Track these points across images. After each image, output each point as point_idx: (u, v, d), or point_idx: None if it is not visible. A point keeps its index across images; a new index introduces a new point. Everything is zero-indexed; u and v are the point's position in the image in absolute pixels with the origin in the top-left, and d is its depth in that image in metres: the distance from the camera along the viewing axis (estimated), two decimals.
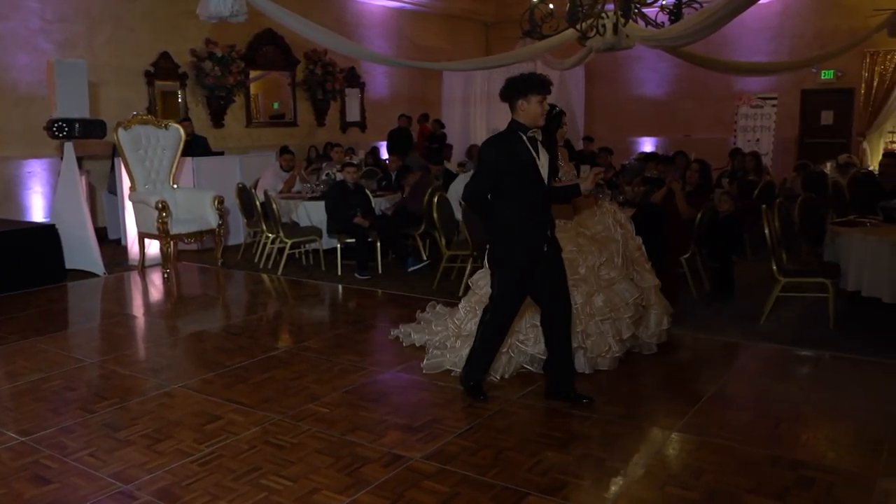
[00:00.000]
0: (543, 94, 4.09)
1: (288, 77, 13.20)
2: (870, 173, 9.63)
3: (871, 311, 6.00)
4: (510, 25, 11.82)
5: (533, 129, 4.15)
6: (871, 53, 13.26)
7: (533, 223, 4.17)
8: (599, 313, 4.84)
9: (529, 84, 4.07)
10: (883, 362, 5.05)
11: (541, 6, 7.97)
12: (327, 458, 3.71)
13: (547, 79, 4.13)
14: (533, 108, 4.08)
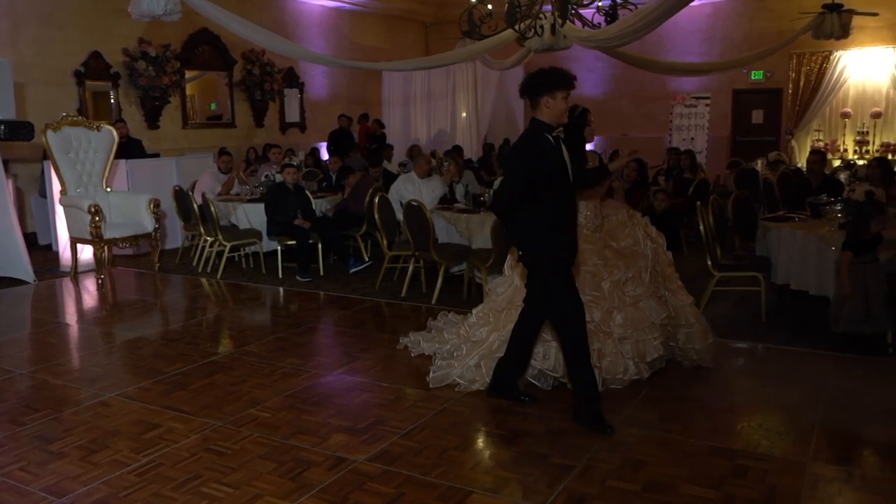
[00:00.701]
0: (569, 89, 3.88)
1: (225, 77, 12.98)
2: (798, 170, 9.97)
3: (800, 304, 6.21)
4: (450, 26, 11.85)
5: (557, 127, 3.98)
6: (798, 55, 13.73)
7: (566, 225, 4.00)
8: (618, 332, 4.54)
9: (555, 80, 3.83)
10: (812, 352, 5.23)
11: (479, 7, 8.01)
12: (270, 463, 3.66)
13: (571, 73, 3.90)
14: (559, 105, 3.85)
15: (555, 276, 3.99)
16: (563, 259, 4.01)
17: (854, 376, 4.82)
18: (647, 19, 6.65)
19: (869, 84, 13.63)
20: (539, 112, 3.91)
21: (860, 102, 13.70)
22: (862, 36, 12.65)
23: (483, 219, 6.74)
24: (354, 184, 8.78)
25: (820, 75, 13.77)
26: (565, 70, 3.87)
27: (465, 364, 4.67)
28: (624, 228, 4.94)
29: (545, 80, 3.84)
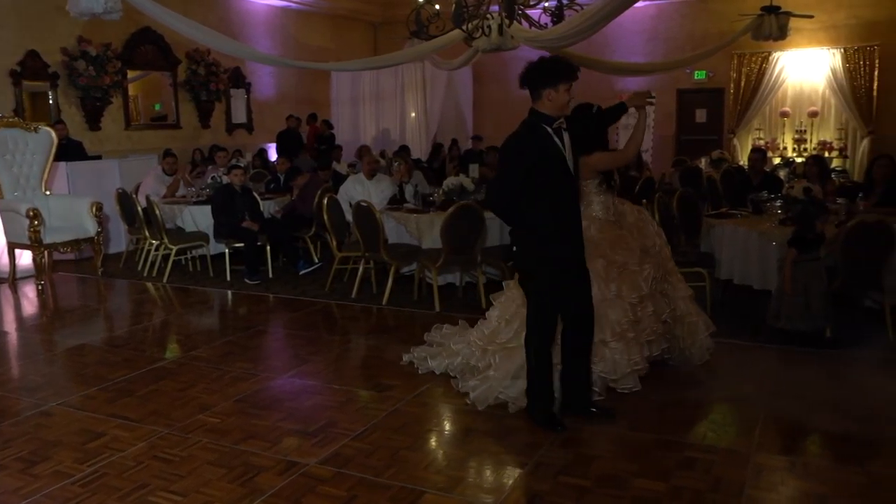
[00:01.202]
0: (572, 81, 3.74)
1: (169, 77, 12.71)
2: (740, 168, 10.21)
3: (743, 298, 6.36)
4: (397, 26, 11.82)
5: (558, 119, 3.80)
6: (739, 55, 14.05)
7: (569, 221, 3.86)
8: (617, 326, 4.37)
9: (558, 72, 3.70)
10: (756, 345, 5.37)
11: (427, 7, 8.01)
12: (219, 469, 3.61)
13: (574, 63, 3.80)
14: (561, 97, 3.70)
15: (545, 280, 3.85)
16: (558, 262, 3.86)
17: (796, 369, 4.96)
18: (593, 20, 6.72)
19: (806, 84, 14.02)
20: (540, 104, 3.78)
21: (798, 102, 14.08)
22: (799, 37, 13.02)
23: (433, 218, 6.74)
24: (303, 185, 8.71)
25: (760, 75, 14.12)
26: (568, 60, 3.78)
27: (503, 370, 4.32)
28: (647, 226, 4.83)
29: (549, 72, 3.70)
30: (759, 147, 12.13)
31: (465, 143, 14.37)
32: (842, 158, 13.69)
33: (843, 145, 13.83)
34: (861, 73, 13.37)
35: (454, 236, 6.36)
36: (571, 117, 3.99)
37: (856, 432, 3.87)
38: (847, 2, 13.47)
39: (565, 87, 3.69)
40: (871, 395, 4.42)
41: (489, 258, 6.65)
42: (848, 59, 13.42)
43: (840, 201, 6.49)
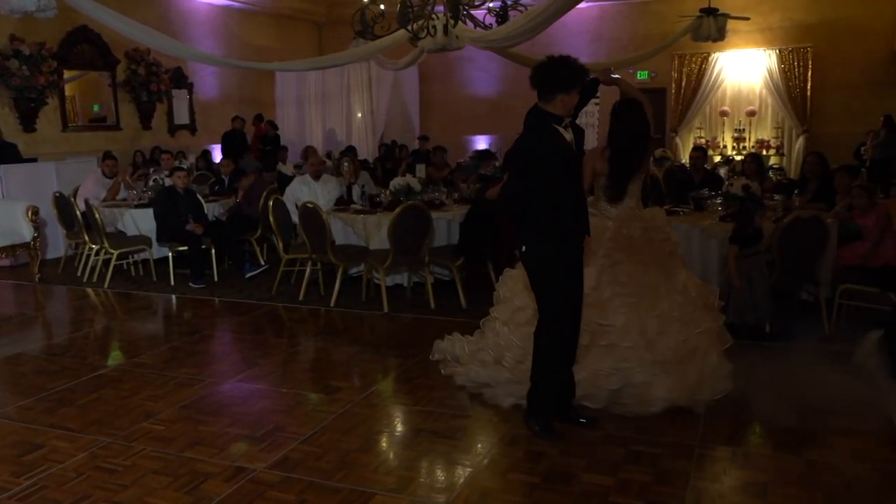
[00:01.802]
0: (582, 85, 3.81)
1: (108, 77, 12.39)
2: (682, 166, 10.43)
3: None
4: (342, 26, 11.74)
5: (566, 118, 3.78)
6: (679, 56, 14.36)
7: (576, 218, 3.84)
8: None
9: (576, 79, 3.70)
10: None
11: (372, 7, 7.98)
12: (164, 477, 3.53)
13: (582, 65, 3.75)
14: (572, 100, 3.72)
15: (558, 280, 3.79)
16: (568, 262, 3.81)
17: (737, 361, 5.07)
18: (537, 21, 6.78)
19: (744, 84, 14.41)
20: (551, 106, 3.72)
21: (736, 101, 14.46)
22: (737, 39, 13.36)
23: (380, 219, 6.72)
24: (248, 186, 8.59)
25: (700, 76, 14.45)
26: (578, 63, 3.71)
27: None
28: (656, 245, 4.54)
29: (567, 78, 3.67)
30: (701, 145, 12.44)
31: (413, 144, 14.36)
32: (779, 156, 14.12)
33: (780, 143, 14.26)
34: (795, 74, 13.80)
35: (401, 237, 6.35)
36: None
37: (794, 422, 3.98)
38: (781, 5, 13.89)
39: (577, 92, 3.75)
40: (809, 386, 4.56)
41: (437, 258, 6.66)
42: (783, 60, 13.84)
43: (777, 198, 6.69)
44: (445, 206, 7.30)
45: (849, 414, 4.01)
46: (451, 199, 7.64)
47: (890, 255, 5.60)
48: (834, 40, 13.56)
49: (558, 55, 3.76)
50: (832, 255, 5.68)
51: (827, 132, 13.62)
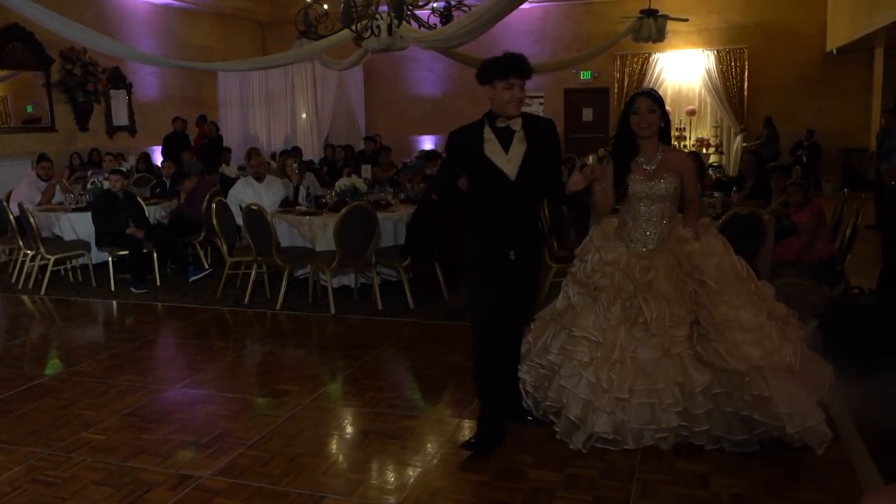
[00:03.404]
0: (508, 78, 3.50)
1: (42, 77, 12.02)
2: None
3: None
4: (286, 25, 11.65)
5: (506, 117, 3.58)
6: (621, 56, 14.62)
7: (494, 224, 3.62)
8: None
9: (489, 70, 3.54)
10: None
11: (315, 6, 7.92)
12: (106, 488, 3.44)
13: (515, 59, 3.53)
14: (498, 94, 3.53)
15: (480, 285, 3.69)
16: (489, 268, 3.66)
17: None
18: (480, 21, 6.83)
19: (684, 84, 14.74)
20: (491, 102, 3.64)
21: (677, 101, 14.78)
22: (676, 40, 13.67)
23: (325, 220, 6.67)
24: (190, 189, 8.43)
25: (641, 76, 14.73)
26: (509, 56, 3.54)
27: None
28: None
29: (483, 71, 3.58)
30: None
31: (358, 144, 14.29)
32: (718, 154, 14.48)
33: (719, 142, 14.64)
34: (733, 74, 14.18)
35: (348, 238, 6.31)
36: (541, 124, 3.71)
37: None
38: (718, 7, 14.25)
39: (503, 86, 3.52)
40: None
41: (384, 259, 6.65)
42: (721, 61, 14.21)
43: (716, 195, 6.85)
44: (392, 207, 7.28)
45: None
46: (397, 199, 7.63)
47: (823, 250, 5.80)
48: (769, 41, 13.98)
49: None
50: (769, 250, 5.84)
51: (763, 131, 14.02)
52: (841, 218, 6.32)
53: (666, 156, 3.76)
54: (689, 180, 3.78)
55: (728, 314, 3.54)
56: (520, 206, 3.64)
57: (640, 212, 3.78)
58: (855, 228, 5.70)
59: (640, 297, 3.58)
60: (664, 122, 3.74)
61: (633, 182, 3.75)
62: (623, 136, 3.80)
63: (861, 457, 3.53)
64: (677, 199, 3.77)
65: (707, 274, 3.62)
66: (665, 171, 3.72)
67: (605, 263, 3.75)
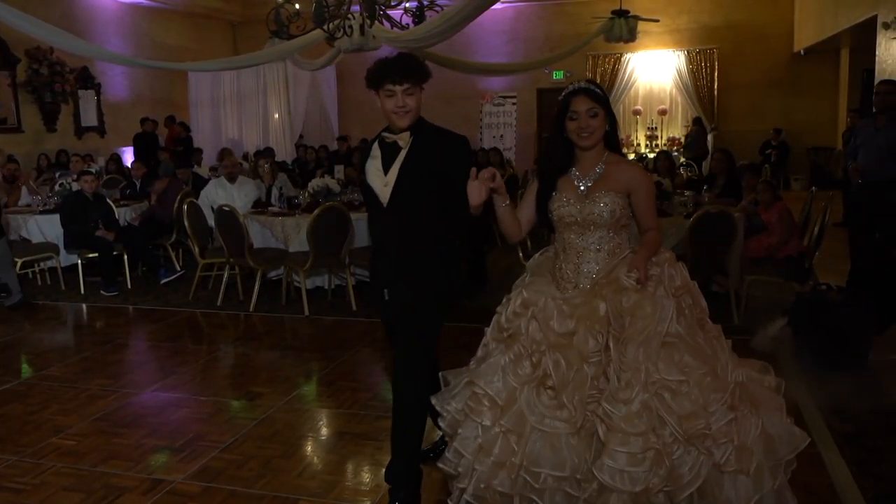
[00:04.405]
0: (384, 84, 2.94)
1: (7, 77, 11.81)
2: None
3: None
4: (258, 25, 11.54)
5: (394, 130, 3.02)
6: (593, 56, 14.72)
7: (376, 257, 3.20)
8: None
9: (370, 76, 3.00)
10: None
11: (286, 6, 7.87)
12: (77, 494, 3.39)
13: (393, 61, 2.96)
14: (383, 103, 2.97)
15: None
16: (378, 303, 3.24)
17: None
18: (453, 21, 6.84)
19: (655, 84, 14.89)
20: None
21: (648, 100, 14.94)
22: (647, 40, 13.80)
23: (298, 221, 6.64)
24: (161, 190, 8.34)
25: (613, 75, 14.85)
26: (384, 60, 2.98)
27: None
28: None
29: (366, 76, 3.03)
30: None
31: (332, 144, 14.24)
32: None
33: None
34: (703, 74, 14.34)
35: (321, 238, 6.29)
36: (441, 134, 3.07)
37: None
38: (688, 7, 14.41)
39: (383, 94, 2.95)
40: None
41: (357, 259, 6.62)
42: (691, 61, 14.37)
43: (688, 193, 6.93)
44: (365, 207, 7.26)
45: None
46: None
47: (793, 248, 5.89)
48: (738, 42, 14.16)
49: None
50: (739, 248, 5.92)
51: (733, 130, 14.22)
52: (809, 216, 6.42)
53: (609, 169, 2.82)
54: (642, 201, 2.80)
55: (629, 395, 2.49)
56: (395, 237, 3.03)
57: (569, 242, 2.83)
58: (823, 226, 5.79)
59: (549, 355, 2.63)
60: (610, 125, 2.83)
61: (557, 203, 2.83)
62: (557, 147, 2.88)
63: (829, 449, 3.59)
64: (624, 225, 2.81)
65: (628, 339, 2.55)
66: (604, 189, 2.78)
67: (525, 305, 2.76)
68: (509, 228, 2.93)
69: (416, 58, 3.06)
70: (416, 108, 2.98)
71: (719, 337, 2.76)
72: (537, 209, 2.92)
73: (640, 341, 2.54)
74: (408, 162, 2.99)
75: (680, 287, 2.74)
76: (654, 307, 2.60)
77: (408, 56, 3.04)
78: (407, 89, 2.95)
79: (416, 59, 3.03)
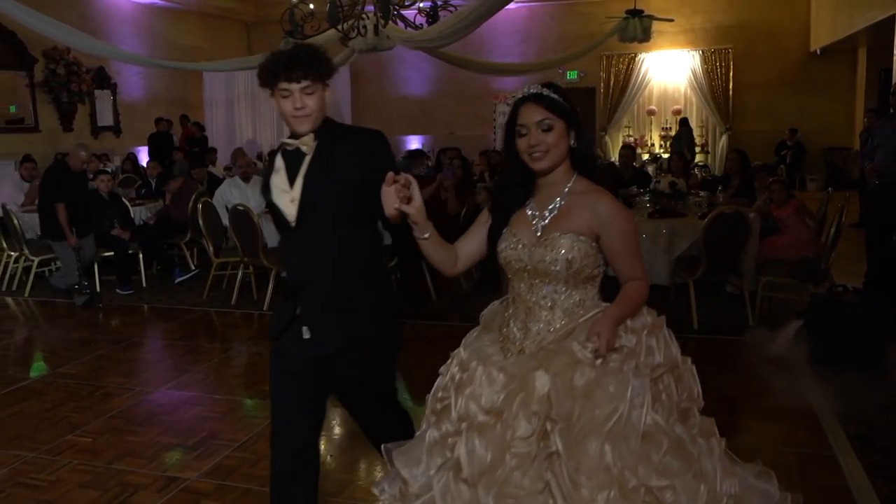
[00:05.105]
0: (280, 83, 2.39)
1: (25, 77, 11.91)
2: (612, 164, 10.65)
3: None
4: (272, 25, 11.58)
5: (296, 135, 2.47)
6: (607, 56, 14.67)
7: (289, 289, 2.56)
8: None
9: (261, 73, 2.44)
10: None
11: (301, 6, 7.90)
12: (92, 491, 3.42)
13: (287, 56, 2.40)
14: (279, 105, 2.44)
15: (272, 366, 2.60)
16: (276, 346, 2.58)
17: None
18: (466, 21, 6.85)
19: (670, 84, 14.82)
20: None
21: (663, 101, 14.87)
22: (662, 40, 13.73)
23: None
24: (176, 189, 8.39)
25: (627, 76, 14.79)
26: (278, 55, 2.44)
27: None
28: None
29: (258, 73, 2.47)
30: (629, 144, 12.74)
31: None
32: (703, 154, 14.56)
33: (705, 141, 14.72)
34: (718, 74, 14.26)
35: None
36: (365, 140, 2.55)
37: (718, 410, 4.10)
38: (703, 7, 14.33)
39: (278, 94, 2.42)
40: (732, 374, 4.72)
41: None
42: (706, 61, 14.29)
43: (702, 194, 6.90)
44: None
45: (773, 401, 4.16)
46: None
47: (808, 248, 5.85)
48: (752, 41, 14.07)
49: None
50: (754, 248, 5.89)
51: (748, 130, 14.14)
52: (825, 216, 6.37)
53: (572, 202, 2.16)
54: (618, 245, 2.14)
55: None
56: (313, 261, 2.47)
57: (519, 293, 2.20)
58: (839, 227, 5.75)
59: (464, 438, 2.06)
60: (576, 140, 2.20)
61: (505, 243, 2.21)
62: (513, 171, 2.25)
63: (844, 451, 3.56)
64: (589, 278, 2.16)
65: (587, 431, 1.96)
66: (562, 229, 2.12)
67: (463, 368, 2.19)
68: (438, 263, 2.29)
69: (318, 49, 2.47)
70: (318, 110, 2.43)
71: (710, 436, 2.14)
72: (489, 247, 2.28)
73: (605, 434, 1.93)
74: (314, 170, 2.44)
75: (660, 366, 2.09)
76: (620, 388, 1.97)
77: (307, 47, 2.48)
78: (306, 87, 2.39)
79: (316, 50, 2.46)
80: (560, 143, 2.16)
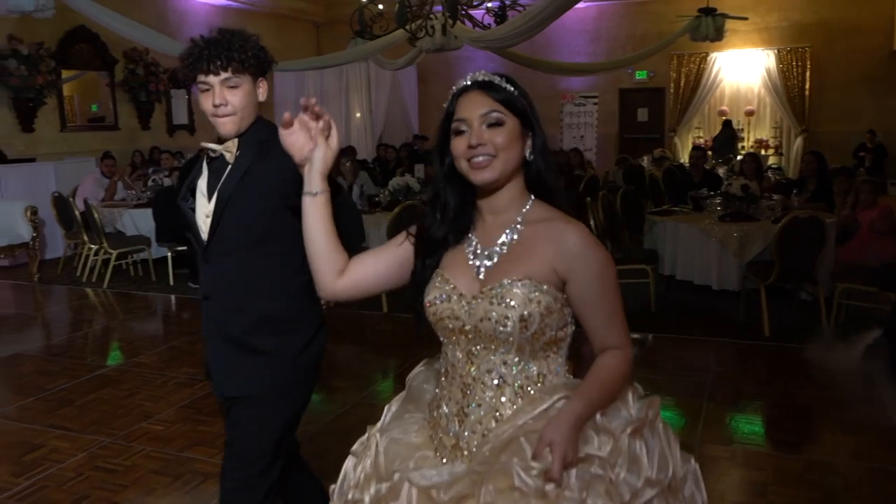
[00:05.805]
0: (199, 76, 2.03)
1: (106, 77, 12.38)
2: (681, 166, 10.46)
3: (686, 293, 6.49)
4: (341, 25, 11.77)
5: (220, 139, 2.13)
6: (678, 56, 14.37)
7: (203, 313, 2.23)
8: None
9: (182, 66, 2.08)
10: (697, 339, 5.50)
11: (370, 7, 8.01)
12: (164, 477, 3.53)
13: (213, 45, 2.01)
14: (200, 102, 2.10)
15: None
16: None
17: (736, 361, 5.10)
18: (535, 20, 6.81)
19: (742, 84, 14.43)
20: None
21: (735, 101, 14.48)
22: (735, 38, 13.37)
23: (378, 218, 6.73)
24: None
25: (698, 75, 14.46)
26: (201, 42, 2.04)
27: None
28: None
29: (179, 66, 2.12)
30: (699, 145, 12.45)
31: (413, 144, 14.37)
32: (777, 156, 14.14)
33: (779, 143, 14.28)
34: (794, 74, 13.81)
35: None
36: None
37: (791, 420, 3.99)
38: (779, 5, 13.90)
39: (201, 89, 2.06)
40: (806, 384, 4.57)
41: None
42: (781, 60, 13.85)
43: (776, 197, 6.70)
44: None
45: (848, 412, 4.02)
46: None
47: (888, 254, 5.62)
48: (831, 40, 13.58)
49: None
50: (830, 254, 5.69)
51: (825, 131, 13.65)
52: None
53: (528, 234, 1.59)
54: (591, 296, 1.59)
55: None
56: (222, 286, 2.14)
57: (454, 363, 1.64)
58: None
59: None
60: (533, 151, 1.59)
61: (434, 293, 1.62)
62: (444, 192, 1.68)
63: None
64: (552, 342, 1.60)
65: None
66: (515, 273, 1.55)
67: (380, 474, 1.70)
68: (317, 259, 1.68)
69: (246, 34, 2.09)
70: (244, 109, 2.07)
71: None
72: (411, 292, 1.67)
73: None
74: (232, 181, 2.07)
75: (649, 483, 1.50)
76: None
77: (232, 32, 2.05)
78: (227, 80, 2.02)
79: (244, 35, 2.08)
80: (512, 148, 1.54)
